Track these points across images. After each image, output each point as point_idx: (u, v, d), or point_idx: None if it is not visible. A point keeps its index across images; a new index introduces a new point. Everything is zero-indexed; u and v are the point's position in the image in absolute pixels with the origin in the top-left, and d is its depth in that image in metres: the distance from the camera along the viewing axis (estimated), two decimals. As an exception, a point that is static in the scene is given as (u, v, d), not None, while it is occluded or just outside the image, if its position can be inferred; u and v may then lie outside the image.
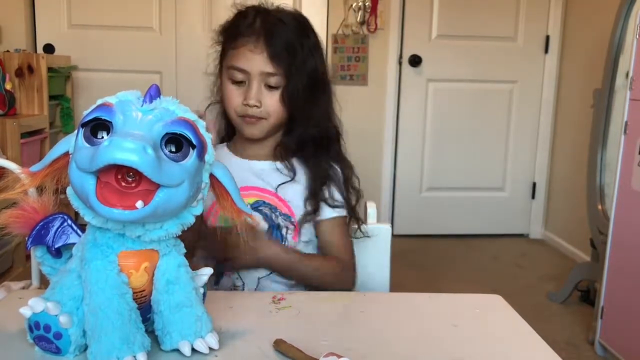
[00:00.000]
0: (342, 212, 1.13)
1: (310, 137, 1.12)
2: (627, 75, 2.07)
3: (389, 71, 3.36)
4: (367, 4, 3.24)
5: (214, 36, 1.13)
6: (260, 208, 1.09)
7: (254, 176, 1.11)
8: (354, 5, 3.24)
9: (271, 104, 1.06)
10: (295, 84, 1.06)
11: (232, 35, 1.08)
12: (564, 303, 2.57)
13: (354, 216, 1.15)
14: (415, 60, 3.34)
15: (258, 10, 1.09)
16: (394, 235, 1.25)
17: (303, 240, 1.12)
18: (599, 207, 2.40)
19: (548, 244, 3.46)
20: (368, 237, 1.18)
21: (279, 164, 1.12)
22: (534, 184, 3.57)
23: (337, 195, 1.13)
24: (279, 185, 1.10)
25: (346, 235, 1.14)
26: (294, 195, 1.11)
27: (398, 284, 1.22)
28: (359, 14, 3.25)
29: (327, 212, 1.12)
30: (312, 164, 1.13)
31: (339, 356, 0.68)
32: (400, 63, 3.35)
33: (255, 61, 1.04)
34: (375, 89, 3.32)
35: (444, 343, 0.79)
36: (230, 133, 1.18)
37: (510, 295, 1.00)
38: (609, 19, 2.42)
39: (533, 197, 3.58)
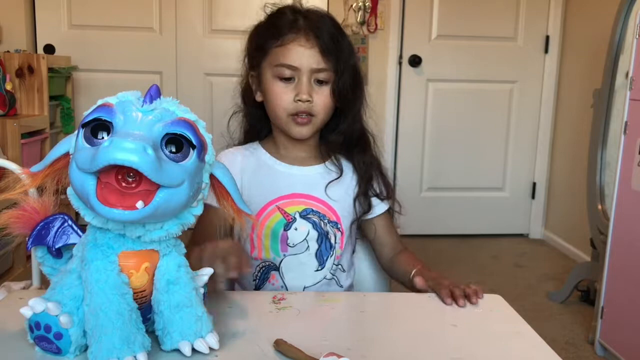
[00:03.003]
0: (388, 203, 1.16)
1: (355, 134, 1.12)
2: (627, 75, 2.07)
3: (389, 71, 3.36)
4: (367, 4, 3.24)
5: (248, 39, 1.12)
6: (308, 216, 1.08)
7: (302, 183, 1.10)
8: (353, 5, 3.24)
9: (321, 99, 1.05)
10: (344, 79, 1.06)
11: (275, 33, 1.05)
12: (564, 303, 2.57)
13: (392, 208, 1.18)
14: (415, 61, 3.34)
15: (294, 9, 1.08)
16: (394, 235, 1.25)
17: (346, 245, 1.13)
18: (599, 207, 2.40)
19: (548, 244, 3.46)
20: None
21: (328, 164, 1.12)
22: (534, 184, 3.57)
23: (383, 188, 1.15)
24: (328, 183, 1.10)
25: (394, 225, 1.18)
26: (342, 194, 1.11)
27: (398, 284, 1.22)
28: (359, 14, 3.24)
29: (379, 208, 1.15)
30: (357, 161, 1.13)
31: (339, 356, 0.68)
32: (400, 63, 3.35)
33: (306, 56, 1.03)
34: (375, 89, 3.32)
35: (444, 343, 0.79)
36: (258, 134, 1.16)
37: (510, 295, 1.00)
38: (609, 19, 2.41)
39: (533, 197, 3.58)
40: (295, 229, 1.07)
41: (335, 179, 1.11)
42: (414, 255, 1.14)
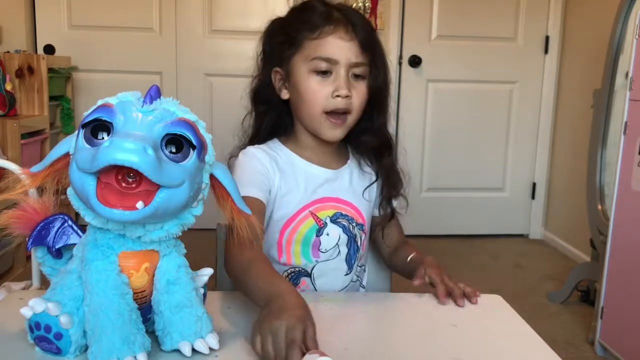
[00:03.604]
0: (397, 199, 1.15)
1: (384, 136, 1.09)
2: (626, 75, 2.07)
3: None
4: (366, 4, 3.24)
5: (268, 36, 1.07)
6: (338, 220, 1.06)
7: (332, 186, 1.07)
8: (353, 6, 3.23)
9: (359, 95, 1.01)
10: (381, 74, 1.03)
11: (310, 26, 1.00)
12: (564, 303, 2.56)
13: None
14: (415, 61, 3.34)
15: (323, 2, 1.04)
16: (394, 236, 1.25)
17: (366, 245, 1.14)
18: (599, 207, 2.40)
19: (548, 244, 3.46)
20: None
21: (356, 164, 1.11)
22: (534, 184, 3.57)
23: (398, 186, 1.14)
24: (366, 188, 1.09)
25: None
26: (372, 195, 1.11)
27: (398, 284, 1.22)
28: (359, 14, 3.24)
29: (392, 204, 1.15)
30: (383, 165, 1.10)
31: (322, 354, 0.67)
32: (400, 64, 3.35)
33: (345, 49, 0.99)
34: (375, 89, 3.32)
35: (444, 343, 0.79)
36: (275, 133, 1.11)
37: (510, 295, 1.00)
38: (609, 19, 2.41)
39: (533, 197, 3.58)
40: (327, 234, 1.05)
41: (373, 182, 1.10)
42: (414, 247, 1.13)
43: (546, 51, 3.41)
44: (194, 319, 0.71)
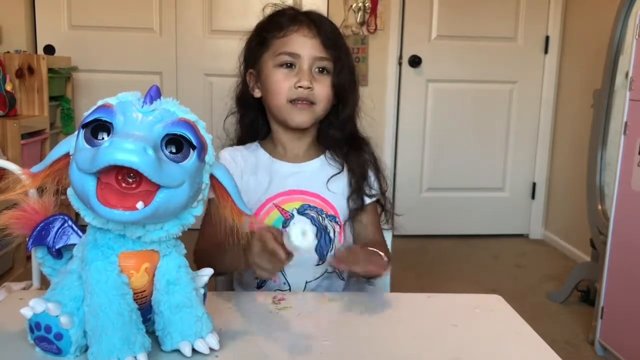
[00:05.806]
0: (377, 197, 1.15)
1: (353, 133, 1.14)
2: (626, 75, 2.07)
3: (389, 72, 3.35)
4: (367, 4, 3.24)
5: (246, 43, 1.14)
6: (306, 212, 1.09)
7: (298, 179, 1.11)
8: (353, 5, 3.24)
9: (322, 88, 1.07)
10: (343, 73, 1.09)
11: (277, 27, 1.09)
12: (564, 303, 2.57)
13: (385, 208, 1.17)
14: (415, 61, 3.34)
15: (294, 8, 1.13)
16: (393, 235, 1.26)
17: (346, 238, 1.14)
18: (599, 207, 2.40)
19: (548, 244, 3.46)
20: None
21: (327, 158, 1.13)
22: (534, 184, 3.57)
23: (374, 183, 1.15)
24: (330, 178, 1.11)
25: (378, 220, 1.17)
26: (339, 187, 1.12)
27: (398, 284, 1.22)
28: (359, 14, 3.24)
29: (365, 200, 1.15)
30: (352, 159, 1.13)
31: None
32: (400, 63, 3.35)
33: (308, 45, 1.06)
34: (375, 90, 3.32)
35: (444, 343, 0.79)
36: (257, 135, 1.17)
37: (510, 295, 1.00)
38: (609, 19, 2.42)
39: (533, 197, 3.58)
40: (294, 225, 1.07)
41: (337, 174, 1.12)
42: (382, 248, 1.09)
43: (546, 51, 3.41)
44: (194, 319, 0.71)
